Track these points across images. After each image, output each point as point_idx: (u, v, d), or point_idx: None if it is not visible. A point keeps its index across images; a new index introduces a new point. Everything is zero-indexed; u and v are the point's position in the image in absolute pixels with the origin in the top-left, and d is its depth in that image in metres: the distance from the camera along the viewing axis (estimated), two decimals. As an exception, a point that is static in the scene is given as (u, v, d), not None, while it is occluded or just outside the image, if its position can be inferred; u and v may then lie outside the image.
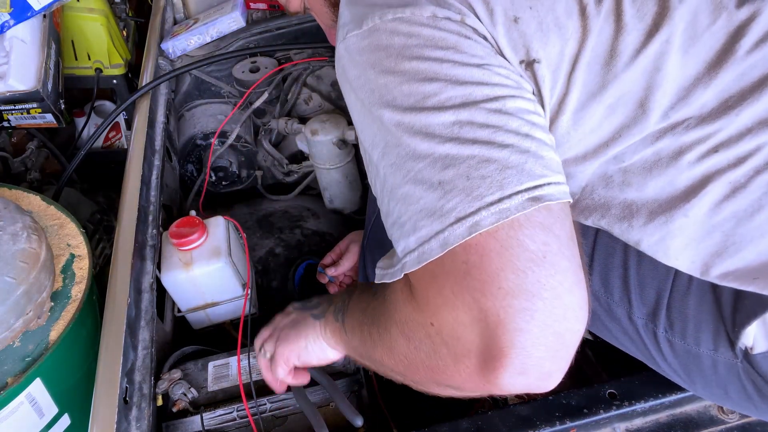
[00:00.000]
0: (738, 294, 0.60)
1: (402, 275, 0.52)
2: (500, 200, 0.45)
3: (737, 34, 0.54)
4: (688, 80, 0.55)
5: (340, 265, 1.15)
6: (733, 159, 0.56)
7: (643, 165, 0.58)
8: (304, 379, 0.85)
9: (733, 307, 0.60)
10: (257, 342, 0.87)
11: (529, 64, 0.54)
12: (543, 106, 0.56)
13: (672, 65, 0.55)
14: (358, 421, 0.81)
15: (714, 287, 0.62)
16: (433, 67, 0.50)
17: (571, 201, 0.50)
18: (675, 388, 0.77)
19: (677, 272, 0.63)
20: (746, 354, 0.61)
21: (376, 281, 0.57)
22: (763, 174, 0.55)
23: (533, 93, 0.56)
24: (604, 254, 0.68)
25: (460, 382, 0.49)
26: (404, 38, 0.52)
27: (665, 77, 0.55)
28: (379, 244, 1.01)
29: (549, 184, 0.47)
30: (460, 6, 0.54)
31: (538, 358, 0.44)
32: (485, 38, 0.54)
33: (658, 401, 0.77)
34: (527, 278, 0.43)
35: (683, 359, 0.67)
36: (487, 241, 0.44)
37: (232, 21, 1.47)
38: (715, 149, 0.56)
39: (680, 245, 0.59)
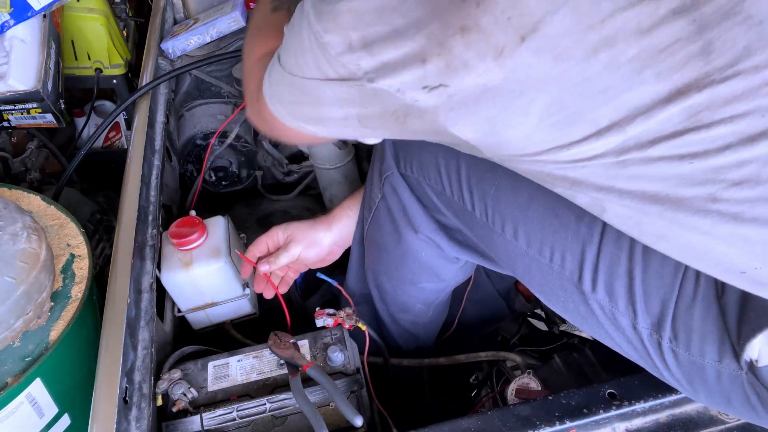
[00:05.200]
0: (744, 305, 0.59)
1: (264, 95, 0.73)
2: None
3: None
4: (651, 98, 0.50)
5: (277, 260, 1.05)
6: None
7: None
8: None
9: (738, 319, 0.60)
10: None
11: (434, 89, 0.54)
12: None
13: (622, 85, 0.50)
14: (358, 421, 0.81)
15: (719, 297, 0.61)
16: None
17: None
18: (675, 388, 0.77)
19: (683, 282, 0.63)
20: (751, 366, 0.60)
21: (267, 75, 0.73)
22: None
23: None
24: (608, 263, 0.68)
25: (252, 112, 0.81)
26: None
27: (616, 96, 0.51)
28: (376, 245, 1.00)
29: None
30: None
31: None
32: None
33: (658, 401, 0.77)
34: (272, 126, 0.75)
35: (687, 370, 0.66)
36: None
37: (232, 21, 1.47)
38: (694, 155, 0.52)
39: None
